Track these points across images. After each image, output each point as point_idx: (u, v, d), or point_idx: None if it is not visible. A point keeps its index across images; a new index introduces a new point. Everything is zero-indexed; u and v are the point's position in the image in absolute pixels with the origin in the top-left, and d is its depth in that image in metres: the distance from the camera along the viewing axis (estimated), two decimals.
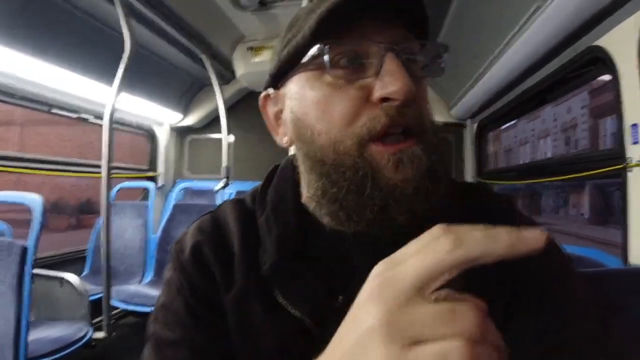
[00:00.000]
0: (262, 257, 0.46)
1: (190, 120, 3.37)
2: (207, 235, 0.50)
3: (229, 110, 2.88)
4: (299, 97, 0.47)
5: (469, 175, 2.73)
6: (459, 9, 1.82)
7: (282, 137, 0.52)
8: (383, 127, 0.41)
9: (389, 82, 0.41)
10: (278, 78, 0.50)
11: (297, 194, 0.51)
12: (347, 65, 0.43)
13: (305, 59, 0.45)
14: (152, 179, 3.36)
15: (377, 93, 0.42)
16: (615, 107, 1.18)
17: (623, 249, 1.19)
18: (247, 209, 0.53)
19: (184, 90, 3.22)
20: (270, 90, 0.52)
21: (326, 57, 0.42)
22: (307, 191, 0.48)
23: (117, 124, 2.70)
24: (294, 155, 0.54)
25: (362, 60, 0.43)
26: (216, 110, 2.83)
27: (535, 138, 24.55)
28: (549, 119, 22.39)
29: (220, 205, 0.56)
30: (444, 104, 2.68)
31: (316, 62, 0.44)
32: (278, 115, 0.52)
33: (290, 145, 0.51)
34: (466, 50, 1.89)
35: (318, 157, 0.45)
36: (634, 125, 1.11)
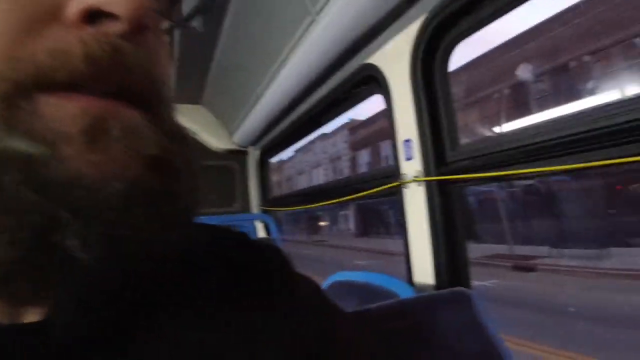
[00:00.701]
0: None
1: None
2: None
3: None
4: None
5: (255, 203, 2.64)
6: (231, 27, 1.64)
7: None
8: (76, 69, 0.18)
9: None
10: None
11: None
12: None
13: None
14: None
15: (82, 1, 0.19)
16: (390, 129, 1.20)
17: (407, 264, 1.19)
18: None
19: None
20: None
21: None
22: None
23: None
24: None
25: None
26: None
27: (310, 168, 27.99)
28: (320, 152, 25.99)
29: None
30: (225, 130, 2.52)
31: None
32: None
33: None
34: (242, 72, 1.75)
35: None
36: (407, 141, 1.13)
